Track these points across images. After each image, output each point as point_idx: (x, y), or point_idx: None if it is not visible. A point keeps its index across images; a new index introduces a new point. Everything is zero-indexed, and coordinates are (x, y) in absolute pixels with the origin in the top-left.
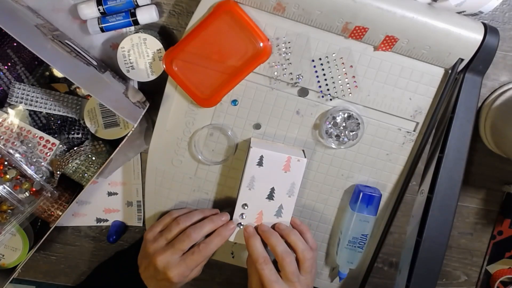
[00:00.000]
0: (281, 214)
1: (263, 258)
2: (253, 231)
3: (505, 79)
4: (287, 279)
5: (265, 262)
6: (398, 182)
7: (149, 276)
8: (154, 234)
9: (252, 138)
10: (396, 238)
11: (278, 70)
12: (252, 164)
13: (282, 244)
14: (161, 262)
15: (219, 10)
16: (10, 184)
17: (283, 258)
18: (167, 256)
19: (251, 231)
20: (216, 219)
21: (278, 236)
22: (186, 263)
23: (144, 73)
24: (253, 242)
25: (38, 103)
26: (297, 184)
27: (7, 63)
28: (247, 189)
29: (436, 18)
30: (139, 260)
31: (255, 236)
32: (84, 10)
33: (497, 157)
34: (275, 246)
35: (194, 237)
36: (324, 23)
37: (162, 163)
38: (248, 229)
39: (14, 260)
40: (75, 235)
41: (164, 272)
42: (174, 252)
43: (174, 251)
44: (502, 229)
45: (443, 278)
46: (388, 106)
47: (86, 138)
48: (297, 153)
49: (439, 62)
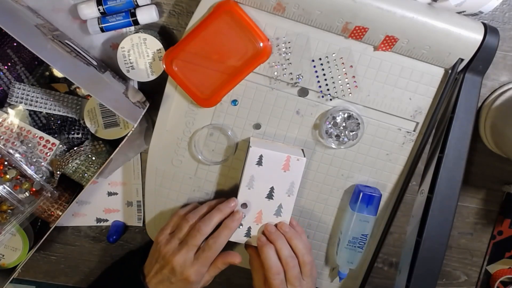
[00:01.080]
0: (280, 214)
1: (277, 269)
2: (266, 240)
3: (505, 79)
4: (290, 283)
5: (278, 272)
6: (398, 182)
7: (162, 280)
8: (166, 236)
9: (251, 137)
10: (396, 238)
11: (278, 70)
12: (251, 164)
13: (287, 248)
14: (178, 261)
15: (219, 10)
16: (10, 184)
17: (287, 263)
18: (182, 254)
19: (265, 240)
20: (223, 207)
21: (284, 240)
22: (200, 261)
23: (144, 73)
24: (268, 251)
25: (38, 103)
26: (297, 183)
27: (7, 63)
28: (246, 188)
29: (436, 18)
30: (148, 267)
31: (269, 244)
32: (84, 10)
33: (497, 157)
34: (281, 250)
35: (205, 230)
36: (324, 23)
37: (162, 163)
38: (262, 238)
39: (14, 260)
40: (75, 235)
41: (182, 272)
42: (189, 249)
43: (189, 248)
44: (502, 229)
45: (443, 278)
46: (388, 106)
47: (86, 138)
48: (297, 152)
49: (439, 62)
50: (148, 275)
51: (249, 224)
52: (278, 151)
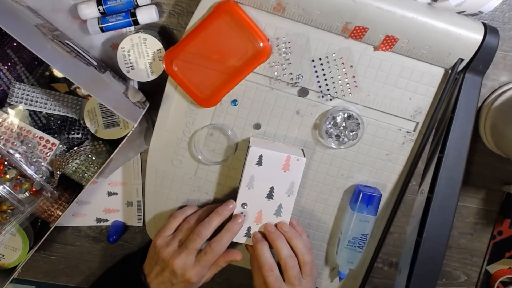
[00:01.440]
0: (280, 214)
1: (269, 265)
2: (260, 237)
3: (505, 79)
4: (290, 283)
5: (271, 269)
6: (398, 182)
7: (163, 281)
8: (165, 238)
9: (251, 137)
10: (396, 238)
11: (278, 70)
12: (251, 164)
13: (286, 248)
14: (178, 264)
15: (219, 10)
16: (10, 184)
17: (286, 263)
18: (183, 258)
19: (259, 237)
20: (222, 210)
21: (283, 239)
22: (201, 263)
23: (144, 73)
24: (261, 248)
25: (38, 103)
26: (297, 183)
27: (7, 63)
28: (246, 188)
29: (436, 18)
30: (148, 268)
31: (262, 242)
32: (84, 10)
33: (497, 157)
34: (280, 249)
35: (205, 233)
36: (324, 23)
37: (162, 163)
38: (257, 235)
39: (14, 260)
40: (75, 235)
41: (183, 274)
42: (189, 253)
43: (189, 252)
44: (502, 229)
45: (443, 278)
46: (388, 106)
47: (86, 138)
48: (297, 152)
49: (439, 62)
50: (149, 276)
51: (249, 224)
52: (278, 151)
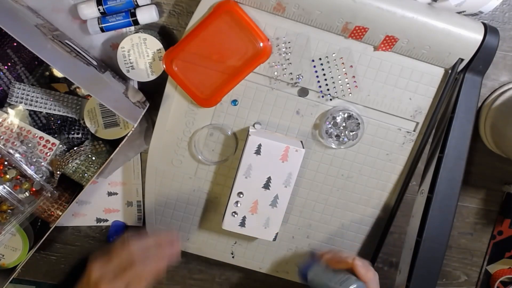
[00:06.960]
0: (276, 204)
1: None
2: None
3: (505, 79)
4: None
5: None
6: (398, 182)
7: None
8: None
9: (251, 128)
10: (396, 238)
11: (278, 70)
12: (249, 152)
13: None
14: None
15: (219, 10)
16: (10, 184)
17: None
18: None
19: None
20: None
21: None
22: None
23: (144, 73)
24: None
25: (38, 103)
26: (294, 174)
27: (7, 63)
28: (243, 177)
29: (436, 18)
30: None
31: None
32: (84, 10)
33: (497, 157)
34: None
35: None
36: (324, 23)
37: (162, 163)
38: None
39: (14, 260)
40: (75, 235)
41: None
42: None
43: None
44: (502, 229)
45: (443, 278)
46: (388, 106)
47: (86, 138)
48: (296, 143)
49: (439, 62)
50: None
51: (244, 213)
52: (277, 141)
